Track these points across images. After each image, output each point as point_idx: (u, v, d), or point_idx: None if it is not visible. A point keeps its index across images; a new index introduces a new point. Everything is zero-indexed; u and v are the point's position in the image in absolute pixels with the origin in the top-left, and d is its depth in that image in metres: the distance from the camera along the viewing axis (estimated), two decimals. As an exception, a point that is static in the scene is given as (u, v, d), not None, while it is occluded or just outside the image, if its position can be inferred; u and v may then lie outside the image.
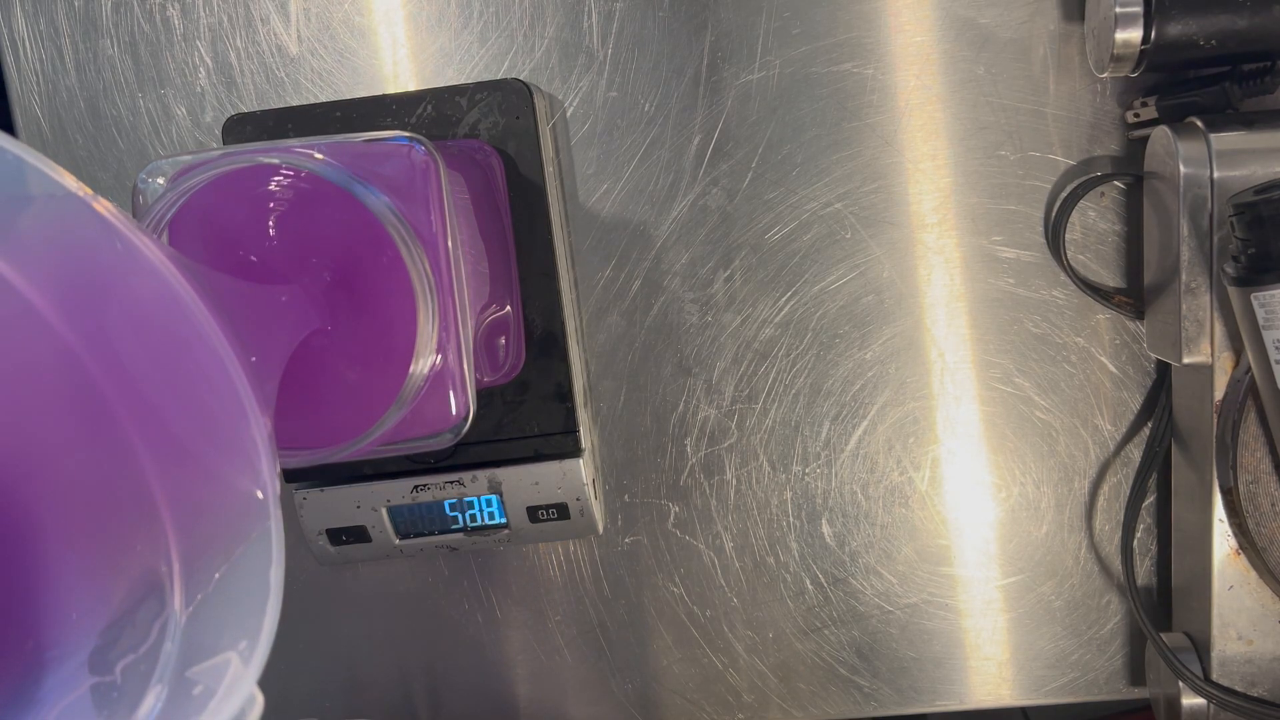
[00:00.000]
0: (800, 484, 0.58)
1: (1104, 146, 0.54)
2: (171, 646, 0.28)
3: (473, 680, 0.62)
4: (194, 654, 0.28)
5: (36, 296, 0.28)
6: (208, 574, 0.29)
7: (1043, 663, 0.59)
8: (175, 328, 0.28)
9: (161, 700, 0.27)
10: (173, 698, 0.27)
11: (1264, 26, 0.46)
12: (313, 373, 0.38)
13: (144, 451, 0.29)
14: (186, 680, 0.27)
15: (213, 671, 0.27)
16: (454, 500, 0.54)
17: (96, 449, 0.29)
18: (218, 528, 0.29)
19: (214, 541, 0.29)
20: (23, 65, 0.57)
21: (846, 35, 0.54)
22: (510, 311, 0.51)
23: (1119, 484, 0.57)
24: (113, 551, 0.29)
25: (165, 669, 0.28)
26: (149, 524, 0.29)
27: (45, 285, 0.28)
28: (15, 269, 0.27)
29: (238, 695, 0.26)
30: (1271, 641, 0.50)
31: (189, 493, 0.29)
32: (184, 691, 0.27)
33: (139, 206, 0.39)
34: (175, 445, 0.29)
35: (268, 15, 0.56)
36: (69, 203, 0.27)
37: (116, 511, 0.29)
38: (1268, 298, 0.43)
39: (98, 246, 0.27)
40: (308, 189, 0.38)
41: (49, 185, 0.26)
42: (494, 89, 0.51)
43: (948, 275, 0.55)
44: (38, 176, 0.26)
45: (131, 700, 0.27)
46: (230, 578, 0.28)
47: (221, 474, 0.29)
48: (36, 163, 0.26)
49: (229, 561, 0.28)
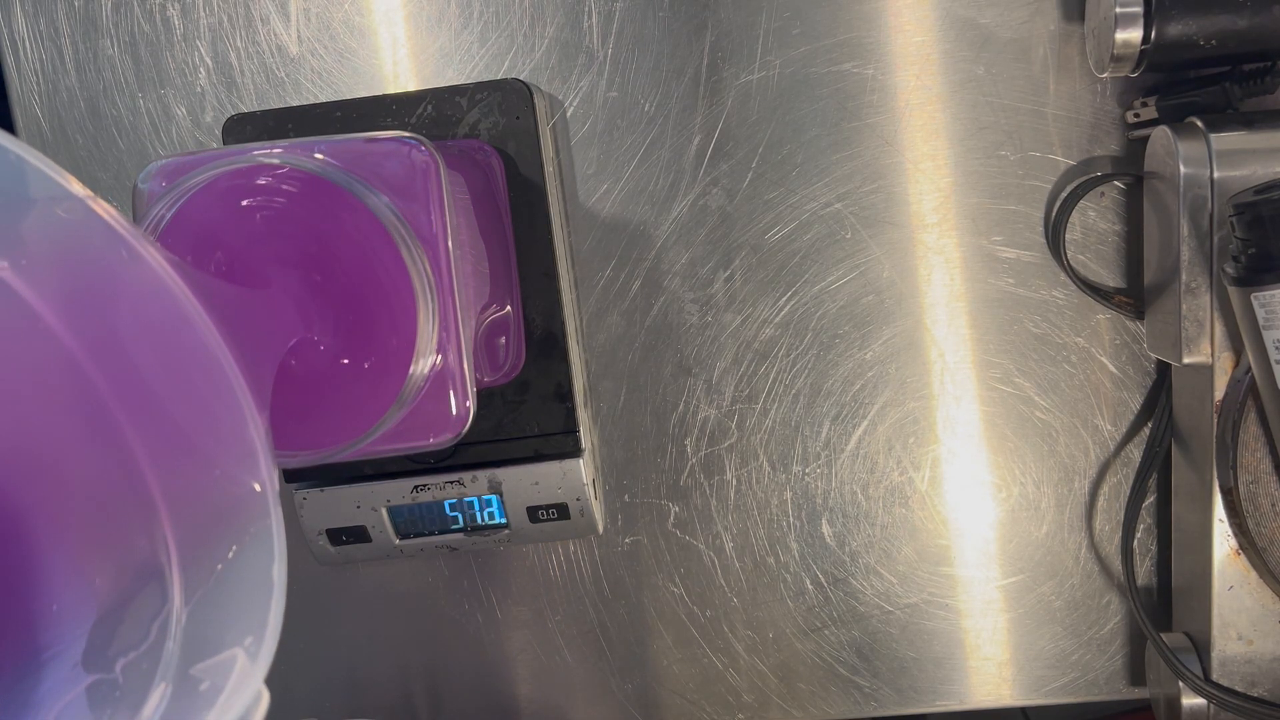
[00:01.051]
0: (800, 484, 0.58)
1: (1104, 146, 0.54)
2: (173, 645, 0.28)
3: (473, 680, 0.62)
4: (198, 651, 0.28)
5: (29, 293, 0.28)
6: (207, 569, 0.29)
7: (1043, 663, 0.59)
8: (171, 325, 0.28)
9: (167, 698, 0.27)
10: (178, 695, 0.27)
11: (1264, 26, 0.46)
12: (313, 373, 0.38)
13: (139, 445, 0.29)
14: (192, 678, 0.27)
15: (219, 668, 0.27)
16: (454, 500, 0.54)
17: (91, 444, 0.29)
18: (216, 522, 0.29)
19: (212, 536, 0.29)
20: (23, 65, 0.57)
21: (847, 35, 0.54)
22: (510, 311, 0.51)
23: (1119, 484, 0.57)
24: (109, 548, 0.30)
25: (169, 667, 0.28)
26: (145, 518, 0.29)
27: (39, 281, 0.28)
28: (13, 268, 0.27)
29: (245, 691, 0.26)
30: (1272, 641, 0.50)
31: (185, 487, 0.29)
32: (190, 689, 0.27)
33: (139, 206, 0.39)
34: (170, 438, 0.30)
35: (268, 15, 0.56)
36: (69, 205, 0.27)
37: (112, 507, 0.29)
38: (1268, 298, 0.43)
39: (96, 248, 0.28)
40: (307, 189, 0.38)
41: (50, 187, 0.26)
42: (494, 89, 0.51)
43: (948, 275, 0.55)
44: (38, 177, 0.26)
45: (135, 699, 0.27)
46: (232, 574, 0.28)
47: (218, 466, 0.29)
48: (38, 163, 0.26)
49: (229, 557, 0.28)
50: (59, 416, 0.29)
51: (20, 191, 0.27)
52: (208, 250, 0.38)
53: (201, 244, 0.38)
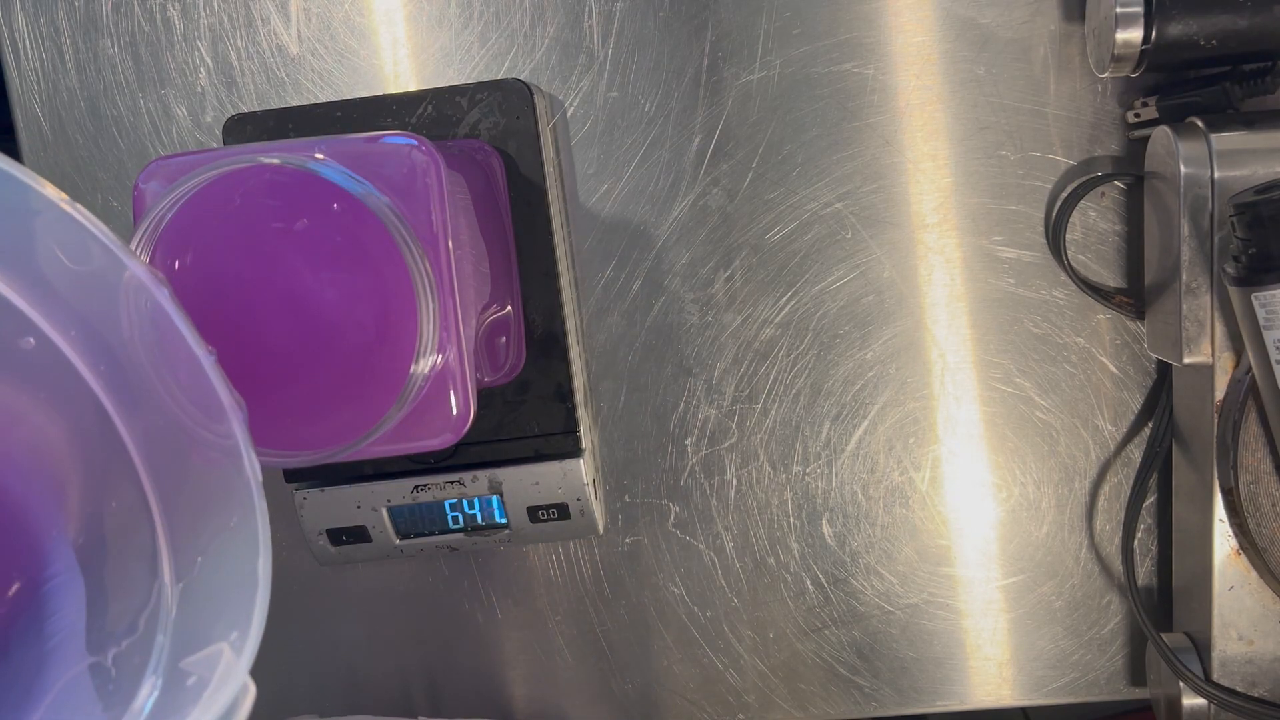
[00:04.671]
0: (801, 484, 0.58)
1: (1104, 146, 0.54)
2: (163, 638, 0.28)
3: (473, 680, 0.62)
4: (186, 646, 0.28)
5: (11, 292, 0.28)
6: (195, 551, 0.29)
7: (1043, 663, 0.59)
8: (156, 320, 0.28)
9: (157, 690, 0.28)
10: (168, 688, 0.28)
11: (1264, 26, 0.46)
12: (313, 373, 0.39)
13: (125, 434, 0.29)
14: (180, 671, 0.28)
15: (205, 662, 0.27)
16: (454, 500, 0.54)
17: (78, 432, 0.30)
18: (203, 511, 0.29)
19: (199, 523, 0.29)
20: (23, 65, 0.57)
21: (847, 35, 0.54)
22: (511, 311, 0.51)
23: (1119, 484, 0.57)
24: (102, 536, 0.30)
25: (159, 661, 0.28)
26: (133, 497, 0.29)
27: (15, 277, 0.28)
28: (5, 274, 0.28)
29: (230, 685, 0.27)
30: (1272, 642, 0.50)
31: (170, 470, 0.30)
32: (178, 682, 0.28)
33: (139, 206, 0.39)
34: (155, 430, 0.30)
35: (268, 15, 0.56)
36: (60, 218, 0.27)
37: (100, 490, 0.30)
38: (1268, 298, 0.43)
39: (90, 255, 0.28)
40: (308, 189, 0.38)
41: (40, 202, 0.27)
42: (494, 89, 0.51)
43: (948, 275, 0.55)
44: (35, 197, 0.27)
45: (127, 692, 0.28)
46: (218, 568, 0.29)
47: (199, 450, 0.29)
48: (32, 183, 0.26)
49: (216, 543, 0.29)
50: (48, 405, 0.30)
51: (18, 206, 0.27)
52: (208, 250, 0.39)
53: (201, 244, 0.38)
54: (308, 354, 0.38)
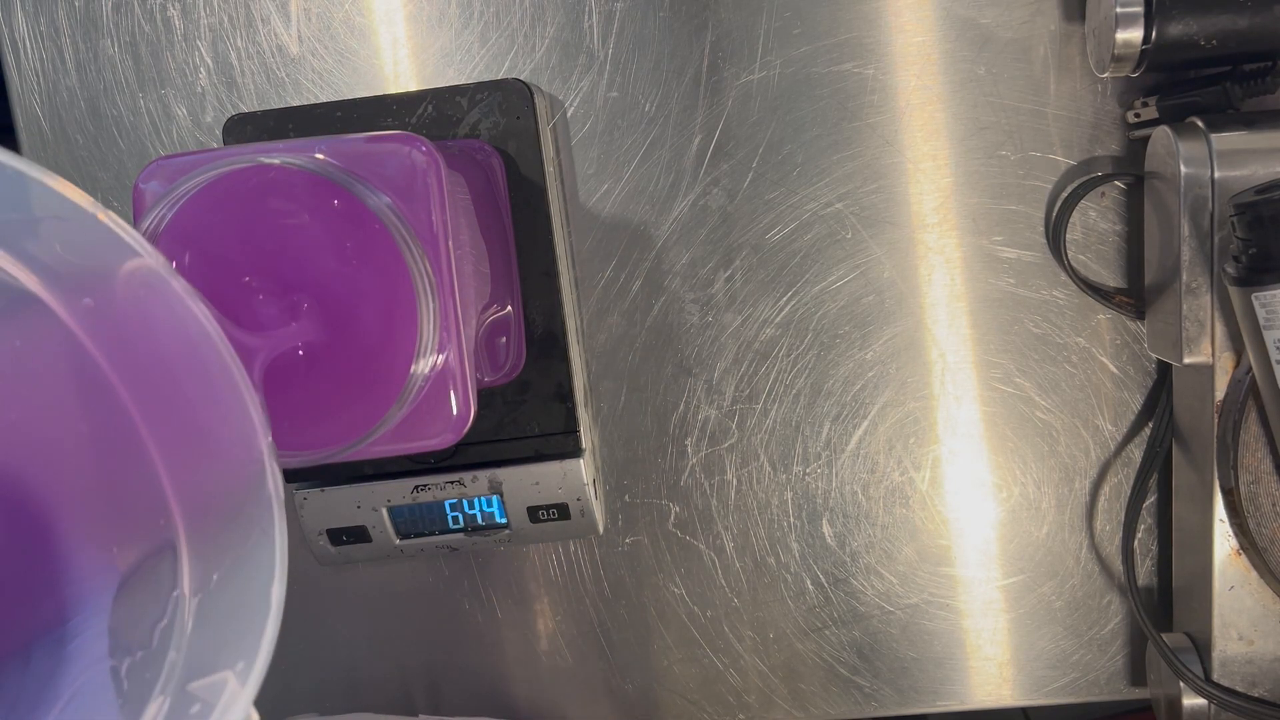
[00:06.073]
0: (801, 484, 0.58)
1: (1105, 146, 0.54)
2: (176, 655, 0.28)
3: (473, 680, 0.62)
4: (196, 667, 0.28)
5: (44, 293, 0.28)
6: (212, 567, 0.29)
7: (1043, 663, 0.59)
8: (186, 334, 0.28)
9: (164, 712, 0.28)
10: (174, 711, 0.28)
11: (1264, 26, 0.46)
12: (314, 373, 0.38)
13: (152, 443, 0.29)
14: (187, 695, 0.27)
15: (211, 689, 0.27)
16: (454, 500, 0.54)
17: (106, 440, 0.30)
18: (223, 524, 0.29)
19: (220, 534, 0.29)
20: (23, 65, 0.57)
21: (847, 35, 0.54)
22: (511, 311, 0.51)
23: (1120, 484, 0.57)
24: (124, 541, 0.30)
25: (170, 678, 0.28)
26: (156, 509, 0.29)
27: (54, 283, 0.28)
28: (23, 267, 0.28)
29: (234, 715, 0.27)
30: (1272, 642, 0.50)
31: (193, 481, 0.30)
32: (183, 707, 0.27)
33: (139, 206, 0.39)
34: (182, 436, 0.30)
35: (268, 15, 0.56)
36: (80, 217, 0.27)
37: (125, 499, 0.30)
38: (1268, 298, 0.43)
39: (107, 256, 0.28)
40: (308, 189, 0.38)
41: (62, 204, 0.27)
42: (494, 89, 0.51)
43: (948, 275, 0.55)
44: (52, 196, 0.27)
45: (136, 707, 0.28)
46: (232, 591, 0.29)
47: (223, 462, 0.29)
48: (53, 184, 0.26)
49: (232, 559, 0.28)
50: (74, 413, 0.30)
51: (36, 208, 0.27)
52: (208, 250, 0.39)
53: (202, 244, 0.38)
54: (308, 354, 0.38)
